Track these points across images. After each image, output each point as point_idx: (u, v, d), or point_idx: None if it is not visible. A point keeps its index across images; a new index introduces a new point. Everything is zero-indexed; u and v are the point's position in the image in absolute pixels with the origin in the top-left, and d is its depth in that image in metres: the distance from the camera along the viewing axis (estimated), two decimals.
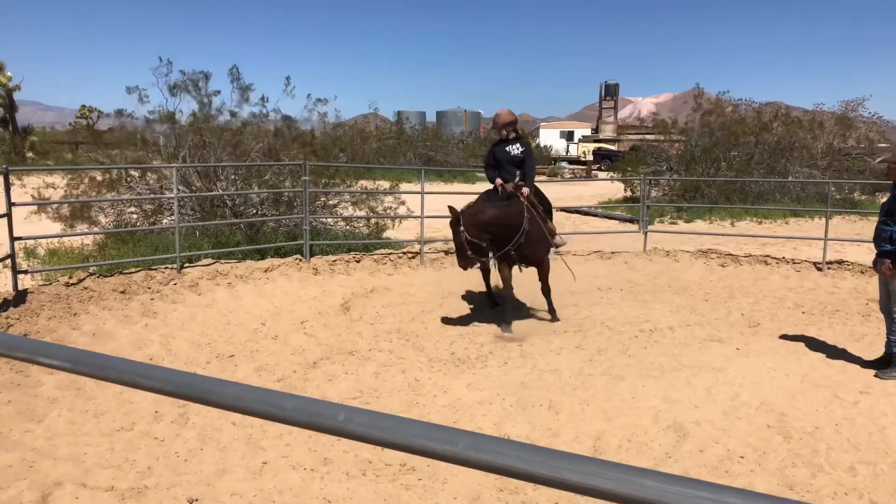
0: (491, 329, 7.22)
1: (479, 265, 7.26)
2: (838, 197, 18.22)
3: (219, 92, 11.32)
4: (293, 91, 11.95)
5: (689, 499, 0.81)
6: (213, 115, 11.26)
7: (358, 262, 9.60)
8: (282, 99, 16.16)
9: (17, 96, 31.82)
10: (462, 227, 6.62)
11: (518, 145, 7.39)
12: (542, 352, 6.45)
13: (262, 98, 11.74)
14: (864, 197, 19.73)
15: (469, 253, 6.72)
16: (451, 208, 6.79)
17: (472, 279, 9.45)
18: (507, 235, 6.87)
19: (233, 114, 11.44)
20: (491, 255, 7.15)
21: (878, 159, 19.69)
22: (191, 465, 4.24)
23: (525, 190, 7.12)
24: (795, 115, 21.98)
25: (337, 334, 6.97)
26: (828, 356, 6.37)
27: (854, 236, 12.89)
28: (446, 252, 10.40)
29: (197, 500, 3.83)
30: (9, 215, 7.12)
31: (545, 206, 7.56)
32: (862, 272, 9.47)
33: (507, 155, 7.35)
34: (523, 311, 7.84)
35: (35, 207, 9.59)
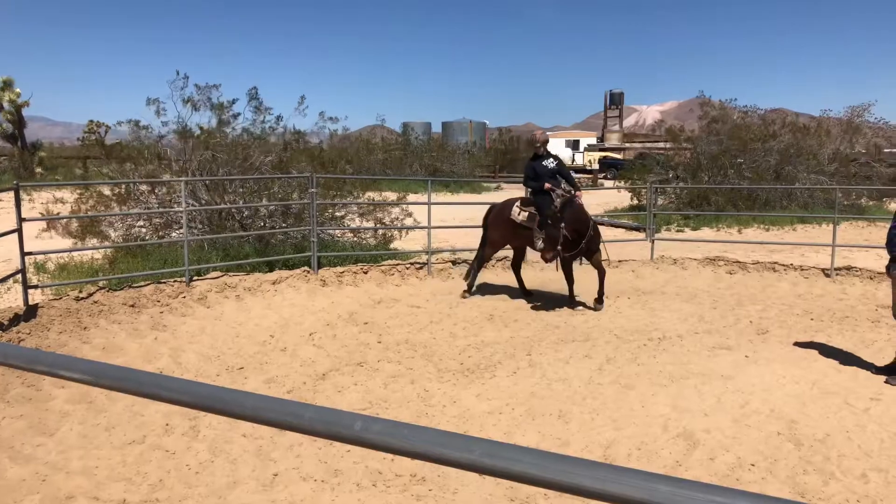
0: (500, 338, 7.23)
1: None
2: (846, 203, 18.16)
3: (238, 115, 11.45)
4: (306, 110, 12.06)
5: (702, 503, 0.82)
6: (224, 132, 11.35)
7: (366, 273, 9.63)
8: (293, 116, 16.35)
9: (25, 112, 32.05)
10: (563, 223, 7.83)
11: (551, 160, 8.64)
12: (551, 361, 6.45)
13: (279, 117, 11.86)
14: (871, 203, 19.66)
15: (562, 250, 8.01)
16: (551, 203, 8.05)
17: (480, 289, 9.46)
18: (581, 231, 8.15)
19: (246, 130, 11.52)
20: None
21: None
22: (202, 477, 4.25)
23: (580, 194, 8.33)
24: (803, 123, 21.95)
25: (345, 346, 6.99)
26: (838, 363, 6.34)
27: (862, 242, 12.87)
28: (453, 262, 10.42)
29: None
30: (19, 231, 7.19)
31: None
32: (871, 278, 9.44)
33: (545, 169, 8.54)
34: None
35: (45, 224, 9.66)
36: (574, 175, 9.24)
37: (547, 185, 8.31)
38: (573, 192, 8.30)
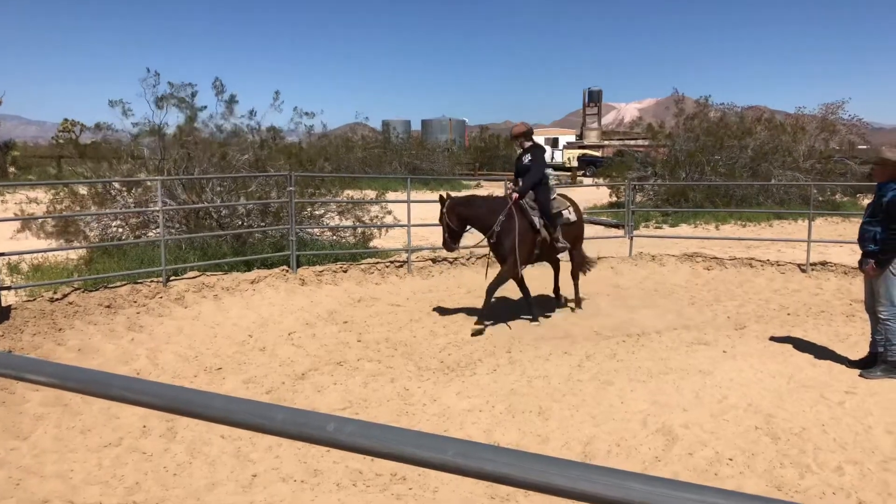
0: (480, 336, 7.23)
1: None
2: (821, 199, 18.39)
3: (205, 107, 11.26)
4: (281, 105, 11.95)
5: (676, 500, 0.82)
6: (198, 129, 11.21)
7: (345, 271, 9.58)
8: (269, 113, 16.08)
9: None
10: (444, 210, 7.54)
11: (528, 155, 7.84)
12: (531, 358, 6.46)
13: (251, 112, 11.72)
14: (846, 199, 19.93)
15: (446, 236, 7.60)
16: (440, 196, 7.65)
17: (460, 287, 9.46)
18: (482, 232, 7.67)
19: (219, 127, 11.38)
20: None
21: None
22: (180, 479, 4.21)
23: (514, 196, 7.61)
24: (778, 120, 22.19)
25: (325, 345, 6.96)
26: (814, 357, 6.41)
27: (837, 237, 13.03)
28: (433, 260, 10.41)
29: None
30: None
31: (546, 214, 7.73)
32: (845, 273, 9.56)
33: (520, 164, 7.94)
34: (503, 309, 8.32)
35: (20, 224, 9.49)
36: (553, 173, 8.87)
37: (509, 185, 8.03)
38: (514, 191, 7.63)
